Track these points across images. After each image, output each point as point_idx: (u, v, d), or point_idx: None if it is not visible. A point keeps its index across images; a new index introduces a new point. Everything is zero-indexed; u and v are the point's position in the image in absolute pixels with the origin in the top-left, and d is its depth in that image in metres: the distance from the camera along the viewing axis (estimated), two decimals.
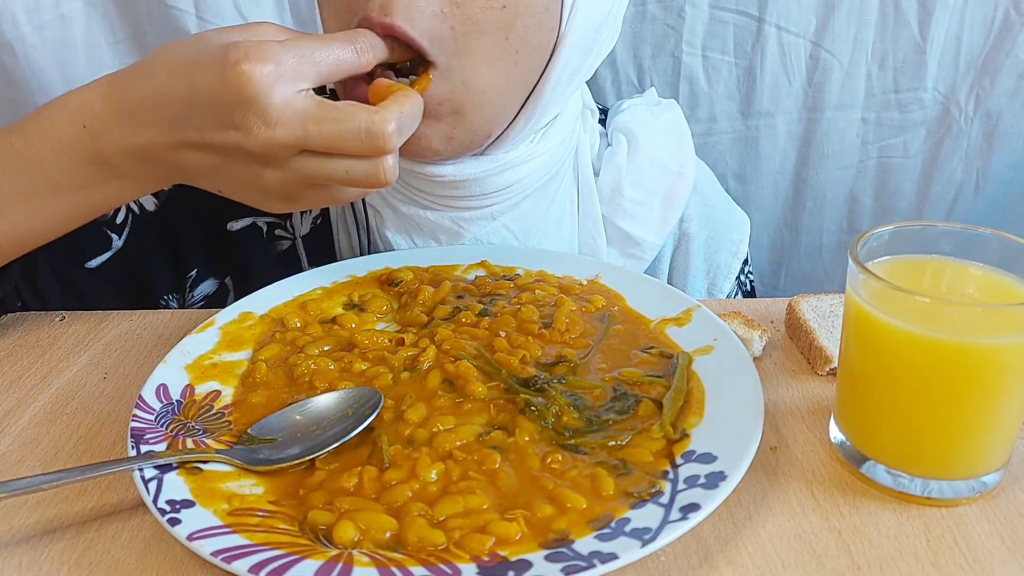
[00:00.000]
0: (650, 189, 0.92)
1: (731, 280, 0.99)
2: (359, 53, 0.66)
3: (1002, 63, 1.29)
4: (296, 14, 1.28)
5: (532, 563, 0.50)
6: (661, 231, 0.93)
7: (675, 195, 0.93)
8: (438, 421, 0.63)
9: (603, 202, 0.91)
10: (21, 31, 1.25)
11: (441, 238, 0.88)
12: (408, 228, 0.88)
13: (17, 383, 0.74)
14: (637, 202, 0.91)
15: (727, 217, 1.01)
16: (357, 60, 0.66)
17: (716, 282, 0.98)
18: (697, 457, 0.59)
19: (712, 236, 0.98)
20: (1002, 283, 0.60)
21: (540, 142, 0.84)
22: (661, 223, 0.92)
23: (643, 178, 0.92)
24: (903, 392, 0.58)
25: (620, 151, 0.92)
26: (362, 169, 0.65)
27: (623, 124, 0.95)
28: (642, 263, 0.93)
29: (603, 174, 0.92)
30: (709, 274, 0.98)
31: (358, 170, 0.65)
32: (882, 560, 0.54)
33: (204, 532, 0.52)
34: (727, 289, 0.99)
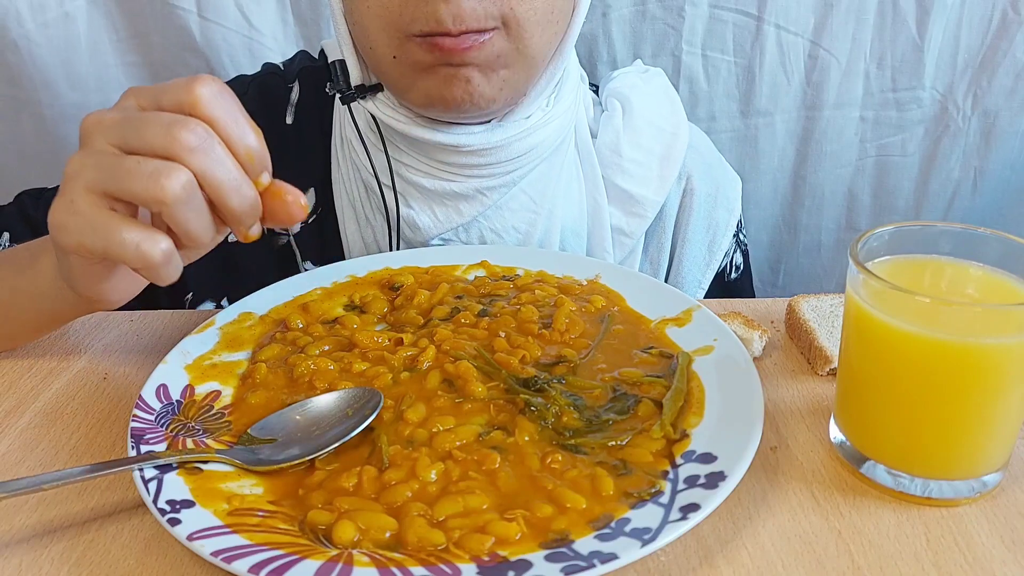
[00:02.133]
0: (647, 148, 0.96)
1: (728, 238, 1.03)
2: (190, 82, 0.58)
3: (1000, 62, 1.29)
4: (297, 13, 1.28)
5: (532, 563, 0.50)
6: (660, 189, 0.96)
7: (671, 154, 0.97)
8: (438, 421, 0.63)
9: (603, 164, 0.95)
10: (25, 29, 1.25)
11: (463, 207, 0.90)
12: (431, 203, 0.91)
13: (17, 383, 0.74)
14: (635, 161, 0.96)
15: (723, 175, 1.05)
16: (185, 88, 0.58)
17: (715, 239, 1.02)
18: (697, 457, 0.59)
19: (711, 193, 1.02)
20: (1002, 283, 0.60)
21: (554, 106, 0.90)
22: (659, 181, 0.96)
23: (640, 139, 0.96)
24: (903, 392, 0.58)
25: (616, 115, 0.97)
26: (150, 168, 0.56)
27: (616, 90, 1.00)
28: (644, 221, 0.97)
29: (601, 137, 0.96)
30: (709, 231, 1.02)
31: (145, 169, 0.56)
32: (882, 560, 0.54)
33: (204, 532, 0.52)
34: (725, 246, 1.02)
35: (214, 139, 0.57)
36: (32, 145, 1.34)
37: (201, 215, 0.58)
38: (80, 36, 1.27)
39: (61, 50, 1.27)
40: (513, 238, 0.94)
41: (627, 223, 0.96)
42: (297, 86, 1.00)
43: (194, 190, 0.57)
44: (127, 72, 1.31)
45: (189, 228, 0.58)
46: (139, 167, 0.56)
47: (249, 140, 0.59)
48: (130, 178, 0.56)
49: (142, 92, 0.60)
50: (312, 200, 0.97)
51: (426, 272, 0.84)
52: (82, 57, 1.28)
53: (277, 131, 0.97)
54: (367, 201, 0.94)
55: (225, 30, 1.28)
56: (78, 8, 1.25)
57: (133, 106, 0.59)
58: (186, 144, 0.56)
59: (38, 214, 0.95)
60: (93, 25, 1.27)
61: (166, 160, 0.56)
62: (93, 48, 1.28)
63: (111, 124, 0.58)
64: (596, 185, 0.96)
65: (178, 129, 0.56)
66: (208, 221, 0.59)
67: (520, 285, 0.82)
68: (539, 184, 0.93)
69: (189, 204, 0.57)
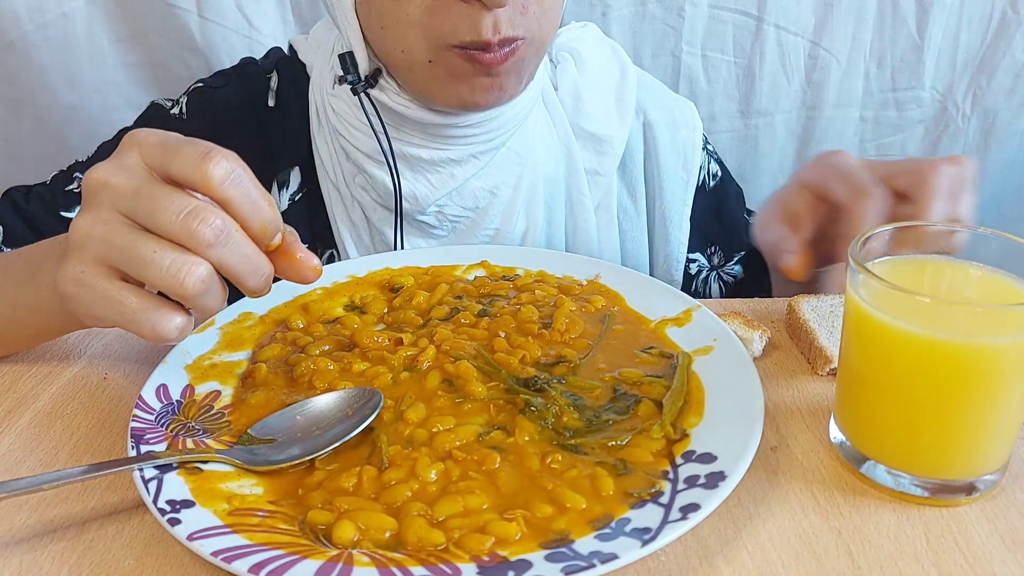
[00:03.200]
0: (602, 92, 1.05)
1: (698, 152, 1.09)
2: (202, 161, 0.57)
3: (999, 62, 1.29)
4: (297, 13, 1.28)
5: (532, 563, 0.50)
6: (621, 126, 1.04)
7: (624, 92, 1.05)
8: (438, 421, 0.63)
9: (567, 111, 1.03)
10: (23, 30, 1.25)
11: (456, 172, 0.95)
12: (426, 172, 0.95)
13: (17, 383, 0.74)
14: (594, 103, 1.04)
15: (675, 102, 1.11)
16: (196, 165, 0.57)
17: (687, 158, 1.08)
18: (697, 457, 0.59)
19: (669, 120, 1.08)
20: (1002, 283, 0.60)
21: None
22: (619, 118, 1.04)
23: (594, 83, 1.05)
24: (903, 392, 0.58)
25: (569, 67, 1.05)
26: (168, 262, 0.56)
27: (564, 45, 1.07)
28: (613, 159, 1.04)
29: (561, 87, 1.04)
30: (679, 153, 1.08)
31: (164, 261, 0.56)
32: (882, 560, 0.54)
33: (204, 532, 0.52)
34: (698, 161, 1.09)
35: (230, 227, 0.57)
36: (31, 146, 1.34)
37: (217, 296, 0.59)
38: (79, 37, 1.27)
39: (60, 51, 1.27)
40: (505, 192, 0.99)
41: (599, 163, 1.04)
42: (276, 75, 1.04)
43: (212, 280, 0.57)
44: (127, 72, 1.31)
45: (206, 309, 0.59)
46: (156, 258, 0.56)
47: (264, 216, 0.59)
48: (146, 268, 0.56)
49: (148, 150, 0.58)
50: (298, 179, 1.01)
51: (426, 272, 0.84)
52: (81, 58, 1.28)
53: (261, 114, 1.01)
54: (352, 181, 0.98)
55: (225, 30, 1.28)
56: (77, 9, 1.25)
57: (140, 168, 0.58)
58: (204, 239, 0.56)
59: (30, 207, 0.97)
60: (92, 25, 1.27)
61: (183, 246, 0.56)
62: (92, 49, 1.28)
63: (121, 192, 0.57)
64: (566, 133, 1.03)
65: (195, 223, 0.56)
66: (223, 298, 0.60)
67: (520, 285, 0.82)
68: (522, 141, 0.99)
69: (208, 293, 0.57)
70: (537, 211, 1.01)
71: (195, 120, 1.01)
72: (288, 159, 1.00)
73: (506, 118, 0.94)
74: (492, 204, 0.99)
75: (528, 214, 1.01)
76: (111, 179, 0.58)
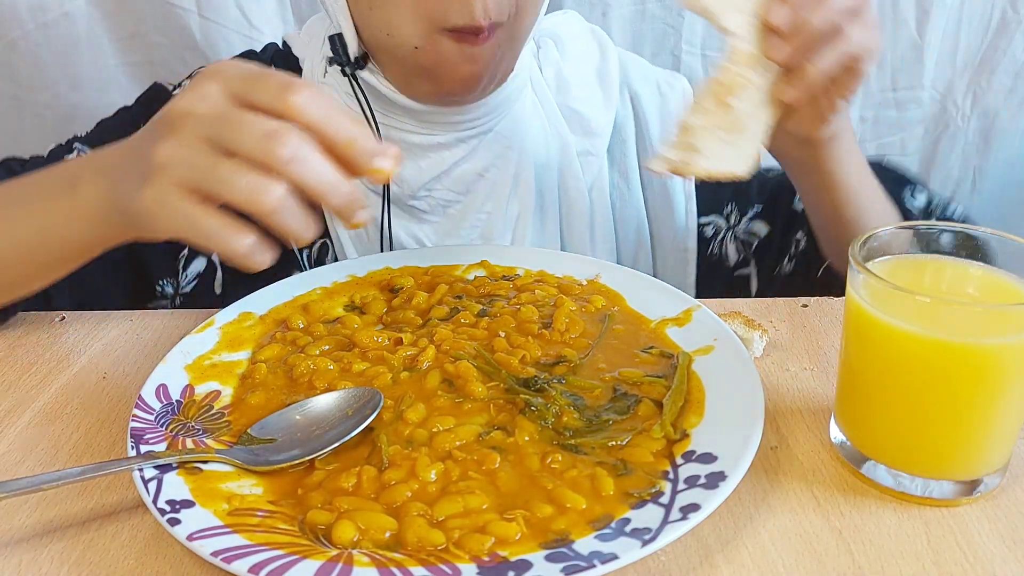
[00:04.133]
0: (585, 71, 1.06)
1: None
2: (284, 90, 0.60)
3: (999, 61, 1.29)
4: (297, 13, 1.28)
5: (532, 563, 0.50)
6: (607, 105, 1.05)
7: (605, 72, 1.06)
8: (438, 421, 0.63)
9: (554, 92, 1.04)
10: (25, 29, 1.25)
11: (445, 155, 0.96)
12: (416, 157, 0.96)
13: (17, 383, 0.74)
14: (579, 85, 1.05)
15: (660, 74, 1.11)
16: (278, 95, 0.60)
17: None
18: (697, 457, 0.59)
19: (655, 90, 1.08)
20: (1002, 283, 0.60)
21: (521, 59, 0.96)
22: (604, 98, 1.05)
23: (577, 64, 1.06)
24: (903, 392, 0.58)
25: (551, 50, 1.06)
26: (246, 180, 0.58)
27: (545, 30, 1.08)
28: (602, 139, 1.04)
29: (545, 71, 1.05)
30: (672, 120, 1.07)
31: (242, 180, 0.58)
32: (883, 560, 0.54)
33: (204, 532, 0.52)
34: None
35: (308, 148, 0.59)
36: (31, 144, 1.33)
37: (297, 217, 0.60)
38: (80, 36, 1.27)
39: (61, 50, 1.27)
40: (494, 175, 0.99)
41: (589, 144, 1.03)
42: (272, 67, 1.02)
43: (289, 200, 0.59)
44: (127, 72, 1.31)
45: (287, 230, 0.61)
46: (235, 178, 0.58)
47: (346, 133, 0.61)
48: (226, 187, 0.59)
49: (230, 79, 0.62)
50: None
51: (426, 272, 0.84)
52: (82, 57, 1.28)
53: None
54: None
55: (225, 30, 1.28)
56: (78, 8, 1.25)
57: (221, 96, 0.61)
58: (282, 158, 0.58)
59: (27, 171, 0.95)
60: (93, 25, 1.27)
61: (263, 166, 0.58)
62: (93, 48, 1.28)
63: (203, 119, 0.60)
64: (555, 116, 1.03)
65: (274, 144, 0.58)
66: (304, 221, 0.61)
67: (520, 285, 0.82)
68: (510, 126, 1.00)
69: (286, 212, 0.59)
70: (528, 194, 1.01)
71: None
72: None
73: (494, 104, 0.95)
74: (483, 188, 0.99)
75: (520, 196, 1.01)
76: (194, 107, 0.61)
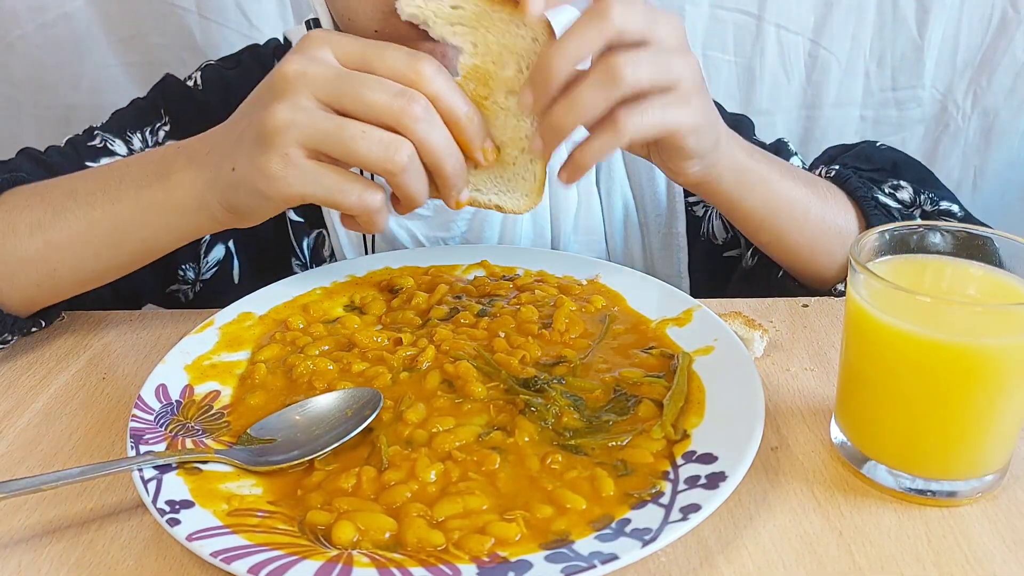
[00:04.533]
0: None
1: None
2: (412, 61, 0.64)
3: (999, 61, 1.29)
4: (297, 12, 1.28)
5: (532, 563, 0.50)
6: None
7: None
8: (437, 422, 0.63)
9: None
10: (24, 29, 1.25)
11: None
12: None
13: (16, 383, 0.74)
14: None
15: None
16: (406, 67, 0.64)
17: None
18: (697, 457, 0.59)
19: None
20: (1002, 283, 0.60)
21: None
22: None
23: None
24: (904, 392, 0.58)
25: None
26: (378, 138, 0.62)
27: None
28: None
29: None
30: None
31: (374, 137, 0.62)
32: (883, 560, 0.54)
33: (203, 532, 0.52)
34: None
35: (435, 112, 0.63)
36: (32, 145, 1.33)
37: (421, 179, 0.64)
38: (79, 36, 1.27)
39: (60, 50, 1.27)
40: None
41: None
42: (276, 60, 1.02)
43: (416, 159, 0.63)
44: (127, 72, 1.31)
45: (410, 191, 0.64)
46: (366, 137, 0.61)
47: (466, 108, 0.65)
48: (357, 146, 0.61)
49: (344, 46, 0.64)
50: None
51: (425, 273, 0.84)
52: (81, 57, 1.28)
53: None
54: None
55: (225, 29, 1.28)
56: (77, 8, 1.25)
57: (332, 60, 0.63)
58: (414, 115, 0.61)
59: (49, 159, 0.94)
60: (92, 25, 1.27)
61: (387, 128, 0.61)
62: (92, 48, 1.28)
63: (321, 80, 0.62)
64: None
65: (407, 101, 0.61)
66: (425, 184, 0.65)
67: (520, 285, 0.82)
68: None
69: (412, 172, 0.63)
70: None
71: (211, 93, 1.01)
72: None
73: None
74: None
75: None
76: (308, 69, 0.62)
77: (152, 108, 1.01)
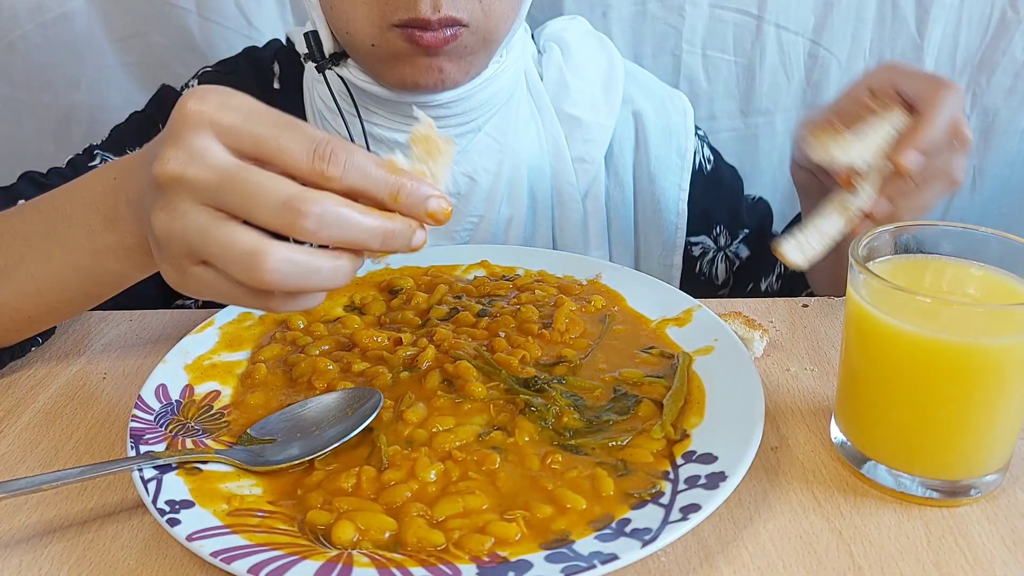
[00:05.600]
0: (589, 78, 1.06)
1: (691, 138, 1.09)
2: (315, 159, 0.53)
3: (998, 61, 1.29)
4: (297, 13, 1.28)
5: (532, 563, 0.50)
6: (608, 113, 1.05)
7: (611, 82, 1.07)
8: (437, 421, 0.63)
9: (553, 97, 1.05)
10: (24, 29, 1.25)
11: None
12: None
13: (17, 383, 0.74)
14: (580, 90, 1.05)
15: (664, 91, 1.12)
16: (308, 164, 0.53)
17: (680, 143, 1.09)
18: (697, 457, 0.59)
19: (659, 107, 1.09)
20: (1002, 283, 0.60)
21: (507, 58, 0.98)
22: (606, 106, 1.05)
23: (580, 70, 1.06)
24: (904, 392, 0.58)
25: (556, 55, 1.07)
26: (237, 256, 0.53)
27: (552, 34, 1.09)
28: (599, 145, 1.05)
29: (547, 75, 1.05)
30: (672, 140, 1.09)
31: (233, 255, 0.53)
32: (883, 560, 0.54)
33: (203, 532, 0.52)
34: (692, 146, 1.09)
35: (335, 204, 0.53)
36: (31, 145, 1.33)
37: (297, 282, 0.54)
38: (79, 36, 1.27)
39: (60, 50, 1.27)
40: (485, 179, 1.00)
41: (585, 151, 1.04)
42: (276, 64, 1.05)
43: (288, 265, 0.53)
44: (127, 72, 1.30)
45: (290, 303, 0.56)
46: (227, 253, 0.53)
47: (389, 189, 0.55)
48: (224, 265, 0.53)
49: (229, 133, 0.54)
50: None
51: (425, 273, 0.84)
52: (81, 57, 1.28)
53: (270, 95, 1.02)
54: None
55: (225, 30, 1.28)
56: (77, 8, 1.25)
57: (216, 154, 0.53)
58: (304, 229, 0.52)
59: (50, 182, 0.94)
60: (92, 25, 1.27)
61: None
62: (92, 48, 1.28)
63: (201, 185, 0.53)
64: (551, 121, 1.04)
65: (295, 217, 0.51)
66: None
67: (520, 285, 0.82)
68: (500, 126, 1.00)
69: (285, 280, 0.53)
70: (521, 198, 1.02)
71: None
72: None
73: (478, 100, 0.95)
74: (473, 190, 0.99)
75: (512, 200, 1.01)
76: (186, 172, 0.53)
77: (149, 123, 1.02)
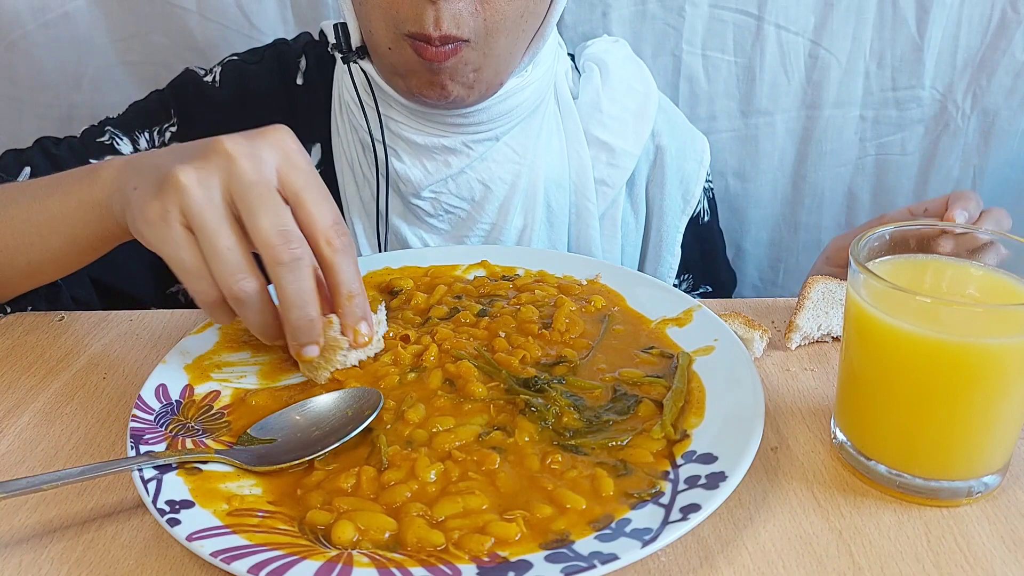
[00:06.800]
0: (623, 105, 1.07)
1: (700, 186, 1.13)
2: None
3: (999, 61, 1.29)
4: (297, 13, 1.28)
5: (532, 563, 0.50)
6: (636, 142, 1.06)
7: (644, 111, 1.08)
8: (437, 421, 0.63)
9: (584, 119, 1.05)
10: (25, 29, 1.25)
11: (451, 160, 0.98)
12: (422, 157, 0.98)
13: (17, 383, 0.74)
14: (613, 116, 1.06)
15: (688, 132, 1.15)
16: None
17: (688, 188, 1.12)
18: (697, 457, 0.59)
19: (680, 148, 1.12)
20: (1002, 283, 0.60)
21: (532, 72, 0.99)
22: (635, 135, 1.06)
23: (616, 96, 1.07)
24: (904, 392, 0.58)
25: (594, 76, 1.07)
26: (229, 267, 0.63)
27: (593, 55, 1.10)
28: (623, 171, 1.06)
29: (582, 95, 1.06)
30: (682, 183, 1.12)
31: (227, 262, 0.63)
32: (883, 560, 0.54)
33: (203, 532, 0.52)
34: (698, 194, 1.13)
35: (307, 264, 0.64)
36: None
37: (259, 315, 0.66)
38: (80, 36, 1.27)
39: (61, 50, 1.27)
40: (500, 188, 1.00)
41: (608, 174, 1.05)
42: (304, 57, 1.07)
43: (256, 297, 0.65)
44: (127, 72, 1.31)
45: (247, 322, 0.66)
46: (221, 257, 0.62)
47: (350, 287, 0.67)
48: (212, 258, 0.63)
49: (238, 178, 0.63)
50: (318, 156, 1.04)
51: (425, 274, 0.84)
52: (82, 57, 1.28)
53: (290, 90, 1.05)
54: (364, 160, 1.00)
55: (225, 29, 1.28)
56: (78, 8, 1.25)
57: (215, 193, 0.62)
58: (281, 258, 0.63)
59: (59, 152, 0.98)
60: (93, 25, 1.27)
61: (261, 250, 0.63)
62: (93, 48, 1.28)
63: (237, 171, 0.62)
64: (578, 140, 1.04)
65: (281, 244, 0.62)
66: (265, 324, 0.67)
67: (520, 285, 0.82)
68: (520, 138, 1.01)
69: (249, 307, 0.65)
70: (536, 211, 1.02)
71: (227, 89, 1.04)
72: (311, 136, 1.03)
73: (497, 111, 0.96)
74: (487, 198, 1.00)
75: (526, 212, 1.02)
76: (237, 155, 0.63)
77: (164, 106, 1.04)
